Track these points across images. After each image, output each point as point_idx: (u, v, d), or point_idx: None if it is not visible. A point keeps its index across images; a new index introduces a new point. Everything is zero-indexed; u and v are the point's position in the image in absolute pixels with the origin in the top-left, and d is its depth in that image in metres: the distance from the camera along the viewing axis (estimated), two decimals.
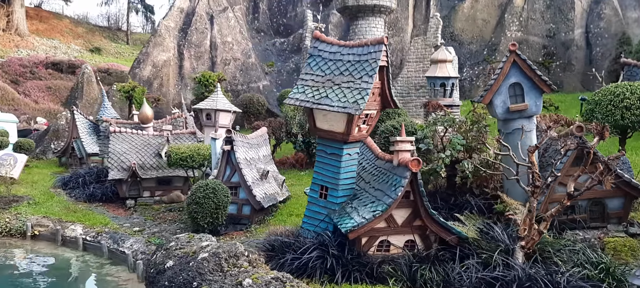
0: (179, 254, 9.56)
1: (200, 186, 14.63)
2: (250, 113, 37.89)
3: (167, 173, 19.94)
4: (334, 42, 10.72)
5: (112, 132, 20.42)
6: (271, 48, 47.56)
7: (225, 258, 8.72)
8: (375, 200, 9.93)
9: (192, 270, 8.67)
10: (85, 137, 27.91)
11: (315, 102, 10.16)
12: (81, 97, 34.43)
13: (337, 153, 10.49)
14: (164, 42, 43.15)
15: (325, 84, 10.31)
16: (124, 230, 16.47)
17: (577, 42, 38.62)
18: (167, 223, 17.49)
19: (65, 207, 19.43)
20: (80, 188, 21.40)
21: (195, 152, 17.44)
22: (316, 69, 10.61)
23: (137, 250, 14.39)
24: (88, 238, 16.00)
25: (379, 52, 9.98)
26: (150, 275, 9.76)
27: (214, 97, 20.93)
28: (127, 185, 19.76)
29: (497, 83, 11.13)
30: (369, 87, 9.79)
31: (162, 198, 20.01)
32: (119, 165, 19.60)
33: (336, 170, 10.54)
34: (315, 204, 10.86)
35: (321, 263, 9.43)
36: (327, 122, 10.40)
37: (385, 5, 23.98)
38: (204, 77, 34.96)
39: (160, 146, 20.29)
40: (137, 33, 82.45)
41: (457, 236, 9.91)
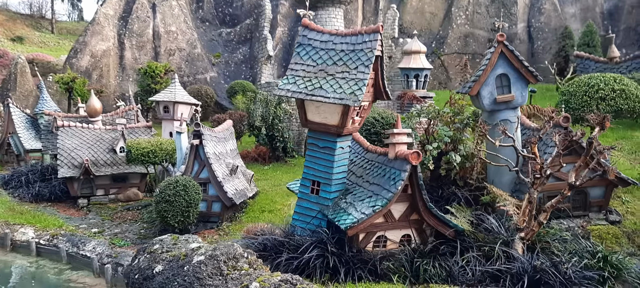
0: (167, 258, 8.84)
1: (169, 183, 13.77)
2: (199, 106, 36.61)
3: (122, 170, 18.78)
4: (325, 31, 10.27)
5: (60, 127, 18.95)
6: (217, 38, 46.16)
7: (224, 261, 8.11)
8: (373, 195, 9.60)
9: (188, 275, 8.01)
10: (22, 132, 25.91)
11: (308, 93, 9.68)
12: (14, 89, 31.90)
13: (330, 146, 10.07)
14: (103, 30, 40.81)
15: (318, 75, 9.85)
16: (82, 232, 15.31)
17: (520, 36, 40.05)
18: (127, 223, 16.45)
19: (10, 208, 17.86)
20: (24, 187, 19.77)
21: (157, 147, 16.45)
22: (306, 59, 10.12)
23: (102, 253, 13.37)
24: (42, 241, 14.72)
25: (374, 41, 9.64)
26: (135, 281, 8.98)
27: (172, 89, 19.89)
28: (79, 184, 18.43)
29: (485, 74, 11.08)
30: (366, 78, 9.43)
31: (118, 197, 18.84)
32: (70, 161, 18.23)
33: (329, 164, 10.12)
34: (306, 200, 10.40)
35: (321, 262, 9.01)
36: (320, 115, 9.95)
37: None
38: (150, 68, 33.35)
39: (114, 141, 19.04)
40: (63, 21, 77.39)
41: (454, 229, 9.77)
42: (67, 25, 69.56)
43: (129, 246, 14.16)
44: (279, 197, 16.78)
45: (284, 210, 15.79)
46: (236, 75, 43.56)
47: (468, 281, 8.71)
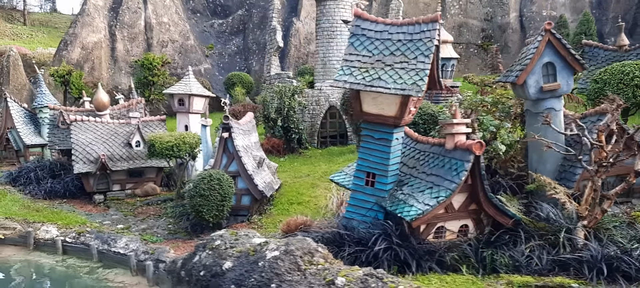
0: (234, 254, 8.68)
1: (203, 177, 13.55)
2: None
3: (139, 164, 18.42)
4: (379, 21, 10.16)
5: (73, 121, 18.47)
6: (209, 30, 45.53)
7: (300, 256, 8.00)
8: (433, 186, 9.57)
9: (265, 271, 7.87)
10: (21, 127, 25.21)
11: (367, 84, 9.57)
12: (7, 83, 30.89)
13: (387, 138, 10.00)
14: (94, 22, 39.87)
15: (375, 65, 9.75)
16: (107, 229, 14.97)
17: (512, 26, 40.42)
18: (151, 218, 16.17)
19: (24, 205, 17.39)
20: (34, 184, 19.26)
21: (181, 140, 16.15)
22: (361, 49, 10.00)
23: (137, 250, 13.09)
24: (68, 239, 14.35)
25: (433, 31, 9.57)
26: (200, 278, 8.80)
27: (187, 82, 19.49)
28: (95, 179, 18.02)
29: (532, 62, 11.10)
30: (427, 68, 9.37)
31: (135, 192, 18.49)
32: (85, 157, 17.80)
33: (385, 156, 10.04)
34: (361, 192, 10.31)
35: (389, 254, 8.95)
36: (377, 106, 9.85)
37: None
38: (147, 60, 32.70)
39: (129, 135, 18.64)
40: (35, 13, 75.04)
41: (512, 219, 9.81)
42: (40, 16, 67.26)
43: (161, 242, 13.91)
44: (304, 189, 16.66)
45: (312, 202, 15.69)
46: (230, 66, 43.07)
47: (536, 270, 8.76)
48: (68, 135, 21.63)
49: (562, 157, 11.55)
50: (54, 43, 52.16)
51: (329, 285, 7.34)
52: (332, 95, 22.33)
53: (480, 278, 8.57)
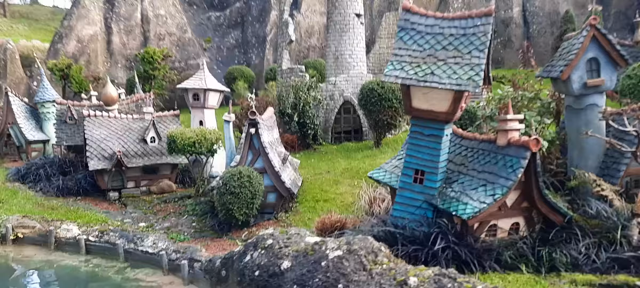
0: (291, 253, 8.43)
1: (232, 174, 13.24)
2: None
3: (154, 161, 18.02)
4: (429, 14, 9.93)
5: (86, 116, 18.00)
6: (206, 22, 44.94)
7: (365, 255, 7.78)
8: (487, 183, 9.40)
9: (330, 271, 7.63)
10: (23, 123, 24.63)
11: (420, 79, 9.35)
12: (4, 77, 30.04)
13: (437, 134, 9.80)
14: (89, 14, 39.13)
15: (427, 60, 9.53)
16: (127, 227, 14.59)
17: (515, 20, 40.49)
18: (172, 216, 15.81)
19: (37, 203, 16.92)
20: (44, 181, 18.77)
21: (203, 136, 15.80)
22: (411, 44, 9.78)
23: (166, 249, 12.75)
24: (91, 238, 13.94)
25: (487, 25, 9.36)
26: (255, 278, 8.53)
27: (201, 76, 19.12)
28: (109, 176, 17.59)
29: (577, 58, 10.99)
30: (482, 62, 9.17)
31: (151, 189, 18.11)
32: (100, 153, 17.36)
33: (436, 152, 9.85)
34: (409, 190, 10.10)
35: (448, 253, 8.77)
36: (428, 102, 9.64)
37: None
38: (148, 54, 32.12)
39: (144, 131, 18.22)
40: (15, 5, 73.10)
41: (564, 216, 9.69)
42: (20, 8, 65.57)
43: (189, 241, 13.60)
44: (326, 186, 16.43)
45: (338, 199, 15.47)
46: (229, 60, 42.59)
47: (595, 268, 8.64)
48: (76, 131, 21.18)
49: (603, 153, 11.48)
50: (35, 35, 50.77)
51: (401, 285, 7.12)
52: (346, 90, 22.08)
53: (542, 277, 8.43)
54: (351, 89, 22.05)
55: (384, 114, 18.71)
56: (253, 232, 13.87)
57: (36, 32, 54.10)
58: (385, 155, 18.59)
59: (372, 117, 18.99)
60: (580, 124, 11.50)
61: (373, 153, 19.07)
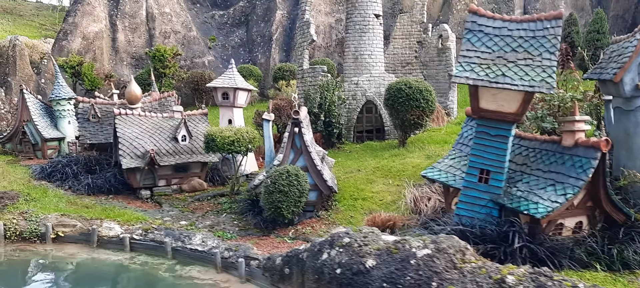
0: (373, 251, 8.56)
1: (281, 173, 13.31)
2: (200, 91, 35.57)
3: (185, 159, 17.99)
4: (497, 17, 10.13)
5: (117, 115, 17.90)
6: (210, 21, 44.75)
7: (453, 254, 7.93)
8: (555, 183, 9.62)
9: (421, 269, 7.77)
10: (38, 120, 24.35)
11: (491, 80, 9.54)
12: (13, 73, 29.62)
13: (504, 134, 10.00)
14: (94, 11, 38.76)
15: (497, 62, 9.72)
16: (169, 225, 14.57)
17: None
18: (212, 214, 15.82)
19: (70, 202, 16.81)
20: (72, 179, 18.62)
21: (241, 135, 15.83)
22: (480, 46, 9.96)
23: (217, 247, 12.78)
24: (136, 236, 13.91)
25: (558, 28, 9.59)
26: (337, 276, 8.64)
27: (231, 75, 19.13)
28: (142, 174, 17.53)
29: (631, 60, 11.27)
30: (554, 64, 9.40)
31: (182, 187, 18.07)
32: (132, 151, 17.28)
33: (502, 152, 10.05)
34: (474, 189, 10.29)
35: (525, 252, 8.96)
36: (496, 102, 9.83)
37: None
38: (159, 52, 31.95)
39: (176, 129, 18.18)
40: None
41: (626, 215, 9.95)
42: (3, 3, 64.29)
43: (236, 238, 13.63)
44: (360, 184, 16.55)
45: (376, 197, 15.61)
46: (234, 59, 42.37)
47: None
48: (99, 129, 21.05)
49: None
50: (20, 31, 49.91)
51: (499, 284, 7.29)
52: (369, 90, 22.23)
53: (620, 275, 8.66)
54: (374, 89, 22.21)
55: (412, 114, 18.88)
56: (299, 230, 13.98)
57: (21, 28, 53.21)
58: (413, 155, 18.77)
59: (399, 116, 19.14)
60: (630, 125, 11.78)
61: (400, 153, 19.23)
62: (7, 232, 14.34)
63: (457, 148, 12.27)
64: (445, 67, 24.90)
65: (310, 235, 13.48)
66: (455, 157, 12.02)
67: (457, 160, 11.85)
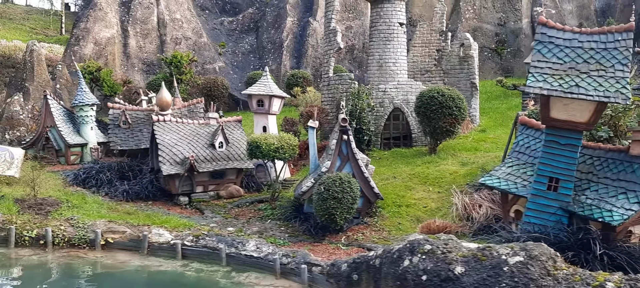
0: (460, 258, 8.71)
1: (333, 180, 13.46)
2: (213, 97, 35.55)
3: (222, 166, 18.06)
4: (567, 29, 10.38)
5: (156, 121, 17.94)
6: (219, 27, 44.80)
7: (545, 260, 8.11)
8: (627, 191, 9.86)
9: (516, 276, 7.94)
10: (62, 126, 24.23)
11: (565, 90, 9.78)
12: (31, 79, 29.40)
13: (574, 143, 10.24)
14: (106, 16, 38.66)
15: (569, 72, 9.97)
16: (218, 232, 14.61)
17: (524, 31, 41.61)
18: (257, 220, 15.91)
19: (110, 208, 16.82)
20: (107, 185, 18.59)
21: (285, 142, 15.96)
22: (550, 57, 10.20)
23: (273, 253, 12.85)
24: (187, 243, 13.94)
25: (629, 40, 9.87)
26: (422, 283, 8.79)
27: (266, 82, 19.27)
28: (180, 181, 17.57)
29: None
30: (627, 76, 9.66)
31: (220, 194, 18.14)
32: (172, 158, 17.32)
33: (572, 161, 10.28)
34: (542, 197, 10.52)
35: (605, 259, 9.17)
36: (568, 112, 10.08)
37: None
38: (176, 58, 31.96)
39: (213, 136, 18.24)
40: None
41: None
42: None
43: (288, 245, 13.73)
44: (400, 191, 16.71)
45: (419, 204, 15.81)
46: (245, 65, 42.55)
47: None
48: (130, 135, 21.07)
49: None
50: (10, 35, 49.45)
51: None
52: (396, 97, 22.45)
53: None
54: (401, 97, 22.43)
55: (444, 121, 19.13)
56: (350, 236, 14.13)
57: (11, 32, 52.66)
58: (446, 162, 18.99)
59: (431, 124, 19.37)
60: None
61: (432, 160, 19.44)
62: (55, 238, 14.29)
63: (514, 156, 12.49)
64: (467, 75, 25.20)
65: (364, 242, 13.64)
66: (513, 165, 12.24)
67: (516, 168, 12.07)
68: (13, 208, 15.40)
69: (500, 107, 28.03)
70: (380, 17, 23.72)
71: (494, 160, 18.11)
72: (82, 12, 40.05)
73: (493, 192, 13.77)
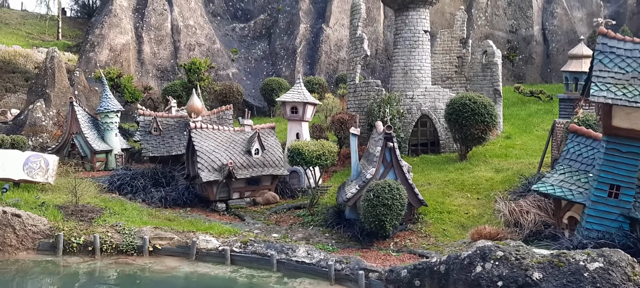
0: (535, 265, 8.88)
1: (383, 187, 13.62)
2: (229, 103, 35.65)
3: (258, 172, 18.17)
4: (627, 40, 10.62)
5: (193, 128, 18.07)
6: (231, 33, 44.95)
7: (624, 266, 8.29)
8: None
9: (598, 282, 8.12)
10: (88, 133, 24.29)
11: (630, 100, 10.00)
12: (52, 85, 29.42)
13: (636, 151, 10.45)
14: (121, 23, 38.78)
15: (632, 82, 10.20)
16: (264, 238, 14.73)
17: (536, 38, 42.01)
18: (299, 226, 16.06)
19: (151, 215, 16.91)
20: (142, 192, 18.66)
21: (327, 149, 16.13)
22: (612, 67, 10.43)
23: (326, 260, 12.99)
24: (236, 249, 14.06)
25: None
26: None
27: (299, 89, 19.43)
28: (218, 188, 17.68)
29: None
30: None
31: (257, 200, 18.25)
32: (210, 165, 17.43)
33: (633, 168, 10.50)
34: (603, 204, 10.73)
35: None
36: (630, 121, 10.31)
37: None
38: (195, 64, 32.12)
39: (249, 143, 18.36)
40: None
41: None
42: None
43: (337, 251, 13.86)
44: (437, 197, 16.87)
45: (460, 210, 16.01)
46: (258, 71, 42.72)
47: None
48: (161, 142, 21.18)
49: None
50: (6, 40, 49.09)
51: None
52: (424, 104, 22.66)
53: None
54: (429, 103, 22.65)
55: (476, 128, 19.36)
56: (398, 243, 14.28)
57: (7, 37, 52.30)
58: (479, 168, 19.18)
59: (463, 130, 19.59)
60: None
61: (464, 166, 19.64)
62: (103, 245, 14.36)
63: (565, 163, 12.68)
64: (491, 82, 25.44)
65: (413, 248, 13.79)
66: (565, 172, 12.43)
67: (568, 176, 12.26)
68: (58, 215, 15.45)
69: (520, 114, 28.29)
70: (405, 25, 23.96)
71: (529, 167, 18.36)
72: (97, 19, 40.17)
73: (538, 199, 13.96)
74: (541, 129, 25.08)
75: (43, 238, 14.65)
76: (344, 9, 42.65)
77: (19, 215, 14.59)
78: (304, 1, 43.11)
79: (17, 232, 14.45)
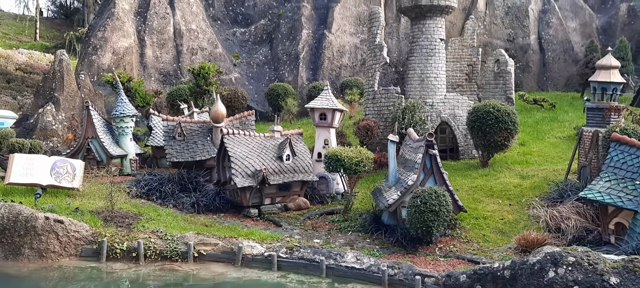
0: (610, 270, 9.22)
1: (430, 193, 13.88)
2: (234, 108, 35.67)
3: (289, 178, 18.31)
4: None
5: (226, 134, 18.11)
6: (232, 38, 44.92)
7: None
8: None
9: None
10: (103, 137, 24.11)
11: None
12: (61, 89, 28.97)
13: None
14: (124, 26, 38.50)
15: None
16: (307, 243, 14.85)
17: (532, 47, 42.91)
18: (337, 232, 16.21)
19: (186, 220, 16.91)
20: (171, 197, 18.64)
21: (364, 156, 16.34)
22: None
23: (376, 265, 13.19)
24: (282, 254, 14.15)
25: None
26: None
27: (327, 96, 19.61)
28: (251, 193, 17.75)
29: None
30: None
31: (288, 206, 18.36)
32: (243, 171, 17.49)
33: None
34: None
35: None
36: None
37: (453, 5, 24.46)
38: (203, 69, 32.05)
39: (280, 149, 18.48)
40: None
41: None
42: None
43: (383, 257, 14.06)
44: (468, 203, 17.11)
45: (494, 216, 16.38)
46: (260, 76, 42.73)
47: None
48: (185, 148, 21.11)
49: None
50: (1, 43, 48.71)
51: None
52: (443, 111, 23.06)
53: None
54: (448, 110, 23.06)
55: (500, 136, 19.80)
56: (442, 248, 14.55)
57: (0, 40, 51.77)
58: (502, 174, 19.63)
59: (486, 137, 20.01)
60: None
61: (488, 172, 20.06)
62: (147, 251, 14.32)
63: (610, 171, 13.10)
64: (503, 91, 25.95)
65: (459, 253, 14.07)
66: (611, 179, 12.86)
67: (615, 183, 12.69)
68: (97, 221, 15.33)
69: (528, 121, 28.88)
70: (422, 33, 24.34)
71: (553, 173, 18.86)
72: (99, 21, 39.75)
73: (577, 205, 14.39)
74: (552, 136, 25.71)
75: (85, 244, 14.56)
76: (346, 16, 43.06)
77: (62, 221, 14.47)
78: (305, 7, 43.28)
79: (60, 238, 14.33)
